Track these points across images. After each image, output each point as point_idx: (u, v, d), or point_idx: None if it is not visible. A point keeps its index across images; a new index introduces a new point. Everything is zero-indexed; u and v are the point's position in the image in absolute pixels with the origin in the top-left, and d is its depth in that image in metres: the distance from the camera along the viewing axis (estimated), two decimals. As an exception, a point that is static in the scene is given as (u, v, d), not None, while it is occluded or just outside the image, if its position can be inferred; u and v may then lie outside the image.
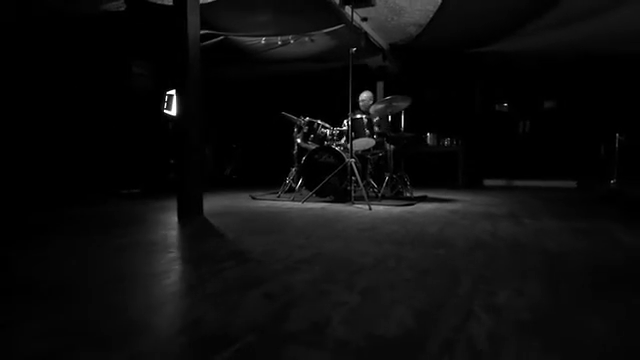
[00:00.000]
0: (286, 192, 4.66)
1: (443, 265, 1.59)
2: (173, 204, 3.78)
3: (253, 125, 8.71)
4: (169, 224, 2.67)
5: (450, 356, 0.84)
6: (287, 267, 1.55)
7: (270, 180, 6.67)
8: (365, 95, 5.01)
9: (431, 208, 3.58)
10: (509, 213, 3.21)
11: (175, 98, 5.88)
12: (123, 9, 5.08)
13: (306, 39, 5.96)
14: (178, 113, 3.22)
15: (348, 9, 4.14)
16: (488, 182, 7.55)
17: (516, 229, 2.44)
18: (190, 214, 3.07)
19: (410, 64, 7.25)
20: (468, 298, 1.19)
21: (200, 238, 2.20)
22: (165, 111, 5.79)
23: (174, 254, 1.81)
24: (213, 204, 3.86)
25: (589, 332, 0.96)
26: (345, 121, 4.40)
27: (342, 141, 4.38)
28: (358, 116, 4.24)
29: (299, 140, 4.56)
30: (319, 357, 0.84)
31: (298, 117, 4.60)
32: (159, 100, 5.84)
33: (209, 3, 4.52)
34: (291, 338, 0.93)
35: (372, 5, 4.11)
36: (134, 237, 2.19)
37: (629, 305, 1.16)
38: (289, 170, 4.78)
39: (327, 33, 5.68)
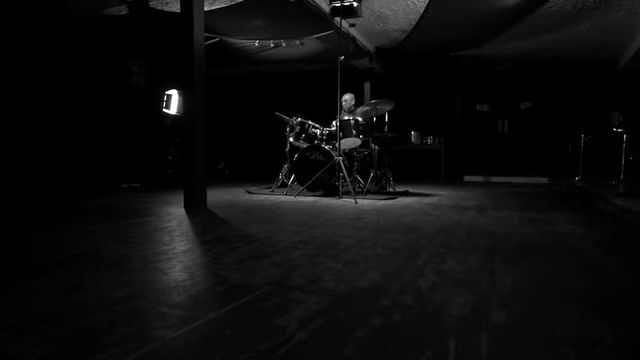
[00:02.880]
0: (279, 187, 5.05)
1: (410, 245, 2.01)
2: (175, 198, 4.15)
3: (245, 121, 9.05)
4: (179, 214, 3.05)
5: (402, 297, 1.26)
6: (287, 246, 1.95)
7: (262, 175, 7.04)
8: (347, 96, 5.43)
9: (410, 201, 4.02)
10: (477, 205, 3.67)
11: (174, 98, 6.22)
12: (124, 13, 5.38)
13: (297, 42, 6.33)
14: (185, 113, 3.57)
15: (337, 18, 4.52)
16: (468, 178, 8.04)
17: (478, 218, 2.89)
18: (196, 206, 3.44)
19: (396, 66, 7.67)
20: (423, 265, 1.61)
21: (210, 225, 2.59)
22: (164, 110, 6.10)
23: (192, 237, 2.19)
24: (212, 197, 4.23)
25: (499, 285, 1.39)
26: (334, 122, 4.82)
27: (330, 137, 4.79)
28: (346, 118, 4.65)
29: (291, 139, 4.95)
30: (315, 298, 1.25)
31: (290, 117, 4.98)
32: (157, 99, 6.15)
33: (209, 10, 4.85)
34: (295, 288, 1.33)
35: (359, 16, 4.50)
36: (153, 224, 2.57)
37: (531, 267, 1.60)
38: (281, 167, 5.17)
39: (317, 37, 6.05)
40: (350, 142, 4.64)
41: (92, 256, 1.76)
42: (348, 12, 4.34)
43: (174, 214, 3.06)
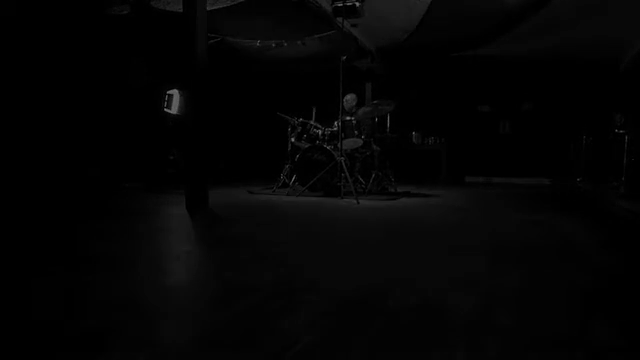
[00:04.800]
0: (280, 187, 5.04)
1: (413, 245, 2.00)
2: (176, 198, 4.13)
3: (246, 121, 9.04)
4: (181, 215, 3.04)
5: (407, 298, 1.25)
6: (290, 247, 1.95)
7: (263, 175, 7.03)
8: (349, 97, 5.41)
9: (412, 202, 4.01)
10: (479, 206, 3.66)
11: (175, 97, 6.21)
12: (126, 12, 5.38)
13: (298, 42, 6.32)
14: (186, 113, 3.56)
15: (339, 19, 4.52)
16: (469, 179, 8.03)
17: (480, 219, 2.88)
18: (197, 206, 3.43)
19: (397, 66, 7.66)
20: (427, 266, 1.61)
21: (212, 226, 2.58)
22: (165, 109, 6.10)
23: (195, 238, 2.19)
24: (214, 198, 4.20)
25: (504, 286, 1.39)
26: (335, 122, 4.81)
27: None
28: (347, 118, 4.64)
29: (293, 139, 4.95)
30: (320, 299, 1.24)
31: (292, 117, 4.98)
32: (159, 99, 6.15)
33: (210, 10, 4.85)
34: (300, 289, 1.33)
35: (361, 16, 4.50)
36: (155, 225, 2.57)
37: (535, 268, 1.60)
38: (283, 167, 5.16)
39: (319, 38, 6.06)
40: (352, 142, 4.64)
41: (94, 257, 1.76)
42: (350, 12, 4.33)
43: (176, 214, 3.05)
